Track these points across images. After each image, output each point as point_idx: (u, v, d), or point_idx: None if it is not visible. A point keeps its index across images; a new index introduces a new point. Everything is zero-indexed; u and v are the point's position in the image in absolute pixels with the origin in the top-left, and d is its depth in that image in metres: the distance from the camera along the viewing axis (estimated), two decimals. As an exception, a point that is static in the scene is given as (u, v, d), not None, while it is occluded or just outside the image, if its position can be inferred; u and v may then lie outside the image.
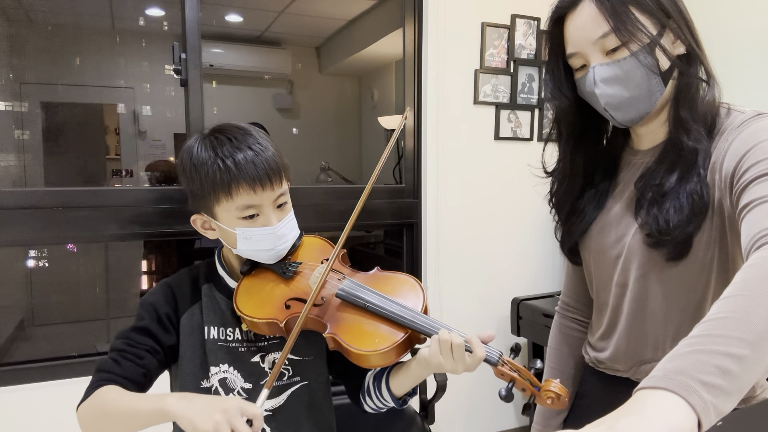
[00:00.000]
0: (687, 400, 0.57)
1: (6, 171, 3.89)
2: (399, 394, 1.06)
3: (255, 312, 1.03)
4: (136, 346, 1.02)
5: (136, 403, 0.92)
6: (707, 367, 0.60)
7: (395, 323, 0.99)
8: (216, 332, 1.07)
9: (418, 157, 2.53)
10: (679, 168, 0.91)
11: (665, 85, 0.92)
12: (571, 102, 1.01)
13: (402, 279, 1.09)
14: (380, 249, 4.09)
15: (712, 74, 0.93)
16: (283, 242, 1.06)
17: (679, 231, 0.89)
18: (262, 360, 1.08)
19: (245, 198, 1.00)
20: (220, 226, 1.05)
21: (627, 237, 0.99)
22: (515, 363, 0.96)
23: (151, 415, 0.89)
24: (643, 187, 0.96)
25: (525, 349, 2.74)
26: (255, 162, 0.99)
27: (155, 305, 1.07)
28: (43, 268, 4.04)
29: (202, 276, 1.12)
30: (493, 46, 2.54)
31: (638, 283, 0.98)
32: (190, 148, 1.04)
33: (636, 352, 1.02)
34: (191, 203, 1.08)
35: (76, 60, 4.08)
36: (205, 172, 1.00)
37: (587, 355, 1.15)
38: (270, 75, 4.69)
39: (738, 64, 2.25)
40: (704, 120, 0.91)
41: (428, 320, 0.99)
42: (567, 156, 1.06)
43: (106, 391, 0.96)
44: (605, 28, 0.89)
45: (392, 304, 1.00)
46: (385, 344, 0.97)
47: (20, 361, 1.95)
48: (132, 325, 1.05)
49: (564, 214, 1.11)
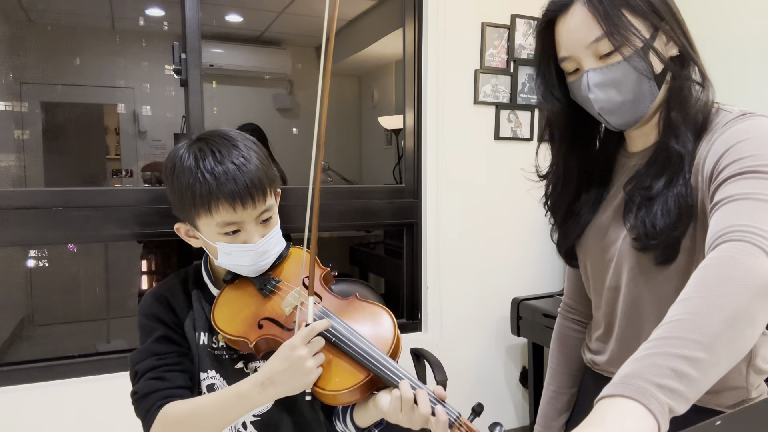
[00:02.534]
0: (644, 404, 0.58)
1: (6, 171, 3.89)
2: (363, 426, 1.02)
3: (227, 327, 1.00)
4: (166, 357, 1.00)
5: (219, 403, 0.93)
6: (662, 370, 0.60)
7: (358, 363, 0.93)
8: (205, 338, 1.06)
9: (418, 157, 2.53)
10: (667, 172, 0.90)
11: (659, 87, 0.90)
12: (563, 105, 0.99)
13: (376, 312, 1.02)
14: (380, 249, 4.09)
15: (706, 75, 0.92)
16: (264, 258, 1.03)
17: (666, 235, 0.88)
18: (246, 367, 1.06)
19: (225, 215, 0.96)
20: (201, 237, 1.03)
21: (618, 241, 0.98)
22: (472, 427, 0.89)
23: (241, 407, 0.92)
24: (632, 190, 0.95)
25: (525, 350, 2.74)
26: (236, 178, 0.95)
27: (158, 315, 1.04)
28: (43, 268, 4.04)
29: (191, 282, 1.10)
30: (493, 46, 2.54)
31: (629, 287, 0.98)
32: (174, 155, 1.00)
33: (630, 355, 1.02)
34: (174, 211, 1.05)
35: (76, 60, 4.09)
36: (186, 184, 0.96)
37: (585, 356, 1.15)
38: (270, 75, 4.69)
39: (738, 65, 2.25)
40: (695, 122, 0.90)
41: (391, 367, 0.92)
42: (560, 159, 1.05)
43: (172, 409, 0.94)
44: (598, 32, 0.87)
45: (359, 342, 0.94)
46: (344, 385, 0.92)
47: (20, 361, 1.95)
48: (147, 342, 1.02)
49: (560, 217, 1.10)
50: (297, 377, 0.90)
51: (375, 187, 2.57)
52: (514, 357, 2.76)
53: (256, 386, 0.91)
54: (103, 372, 1.99)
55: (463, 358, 2.61)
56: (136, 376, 1.01)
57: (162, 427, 0.94)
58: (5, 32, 3.80)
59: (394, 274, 3.27)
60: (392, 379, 0.91)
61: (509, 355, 2.75)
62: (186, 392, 0.99)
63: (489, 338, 2.68)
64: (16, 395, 1.88)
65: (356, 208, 2.40)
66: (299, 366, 0.89)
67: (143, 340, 1.03)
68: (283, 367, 0.89)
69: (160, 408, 0.94)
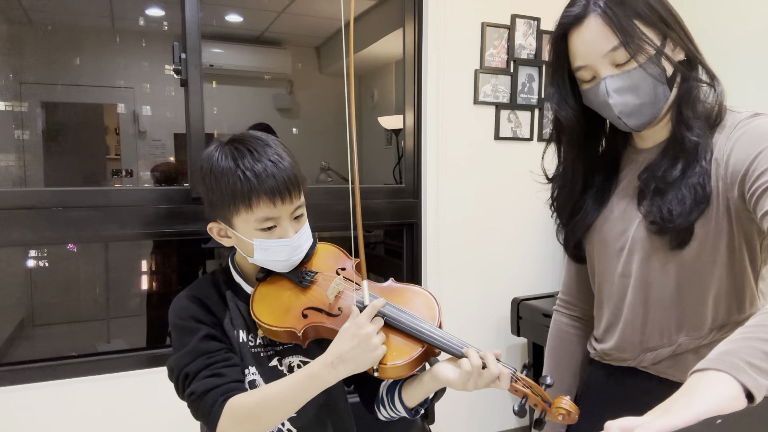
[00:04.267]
0: (734, 376, 0.62)
1: (6, 171, 3.89)
2: (411, 405, 1.07)
3: (273, 320, 1.03)
4: (216, 354, 1.01)
5: (290, 387, 0.96)
6: (755, 352, 0.65)
7: (411, 337, 0.99)
8: (244, 336, 1.07)
9: (418, 157, 2.53)
10: (682, 161, 0.97)
11: (671, 89, 0.97)
12: (576, 113, 1.05)
13: (416, 291, 1.09)
14: (380, 249, 4.09)
15: (713, 74, 0.99)
16: (298, 253, 1.07)
17: (682, 219, 0.94)
18: (280, 363, 1.08)
19: (265, 210, 1.00)
20: (236, 235, 1.05)
21: (631, 229, 1.03)
22: (528, 379, 0.96)
23: (313, 388, 0.95)
24: (647, 179, 1.01)
25: (525, 350, 2.74)
26: (275, 175, 0.99)
27: (197, 316, 1.04)
28: (43, 268, 4.04)
29: (222, 283, 1.12)
30: (493, 46, 2.54)
31: (641, 269, 1.02)
32: (210, 156, 1.04)
33: (641, 339, 1.05)
34: (208, 211, 1.07)
35: (76, 60, 4.09)
36: (225, 183, 1.00)
37: (593, 350, 1.16)
38: (270, 75, 4.69)
39: (741, 65, 2.25)
40: (707, 117, 0.97)
41: (445, 336, 0.99)
42: (569, 164, 1.11)
43: (239, 401, 0.95)
44: (614, 42, 0.93)
45: (408, 318, 1.01)
46: (401, 358, 0.98)
47: (20, 361, 1.96)
48: (192, 344, 1.01)
49: (565, 216, 1.15)
50: (365, 353, 0.94)
51: (375, 187, 2.57)
52: (514, 357, 2.76)
53: (326, 366, 0.95)
54: (103, 372, 1.99)
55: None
56: (187, 379, 1.00)
57: (231, 420, 0.95)
58: (5, 32, 3.80)
59: (394, 274, 3.27)
60: (451, 347, 0.98)
61: (509, 355, 2.75)
62: (242, 386, 1.00)
63: (489, 338, 2.68)
64: (16, 395, 1.88)
65: (356, 208, 2.40)
66: (367, 342, 0.94)
67: (184, 343, 1.02)
68: (352, 345, 0.94)
69: (224, 402, 0.95)
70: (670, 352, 1.01)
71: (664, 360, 1.03)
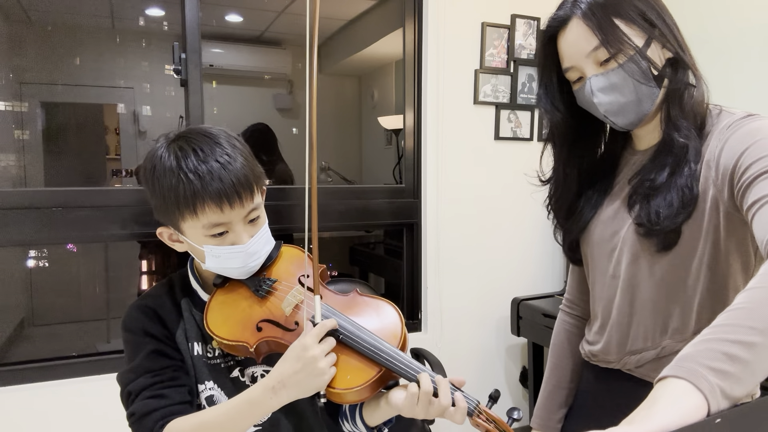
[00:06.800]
0: (694, 384, 0.61)
1: (6, 171, 3.89)
2: (372, 425, 1.00)
3: (226, 333, 0.95)
4: (161, 373, 0.95)
5: (228, 413, 0.90)
6: (715, 354, 0.63)
7: (368, 359, 0.91)
8: (199, 348, 1.01)
9: (418, 157, 2.53)
10: (670, 164, 0.96)
11: (659, 88, 0.97)
12: (564, 114, 1.07)
13: (380, 306, 0.99)
14: (380, 249, 4.09)
15: (699, 76, 0.98)
16: (254, 259, 0.98)
17: (669, 221, 0.94)
18: (242, 374, 1.03)
19: (212, 216, 0.91)
20: (187, 241, 0.97)
21: (622, 231, 1.04)
22: (492, 414, 0.89)
23: (252, 415, 0.90)
24: (638, 183, 1.01)
25: (525, 350, 2.74)
26: (222, 177, 0.90)
27: (146, 329, 0.98)
28: (43, 268, 4.04)
29: (179, 290, 1.05)
30: (493, 46, 2.54)
31: (628, 270, 1.02)
32: (153, 155, 0.95)
33: (626, 342, 1.05)
34: (155, 214, 0.99)
35: (76, 60, 4.08)
36: (168, 186, 0.91)
37: (583, 350, 1.17)
38: (270, 75, 4.69)
39: (738, 63, 2.25)
40: (693, 118, 0.97)
41: (404, 359, 0.90)
42: (560, 165, 1.12)
43: (177, 426, 0.90)
44: (594, 42, 0.94)
45: (366, 337, 0.92)
46: (353, 384, 0.89)
47: (20, 361, 1.95)
48: (138, 359, 0.96)
49: (562, 216, 1.16)
50: (310, 378, 0.86)
51: (375, 187, 2.57)
52: (514, 357, 2.76)
53: (267, 391, 0.88)
54: (103, 372, 1.99)
55: (463, 358, 2.62)
56: (129, 397, 0.94)
57: None
58: (5, 32, 3.80)
59: (394, 274, 3.27)
60: (407, 372, 0.89)
61: (509, 355, 2.75)
62: (187, 408, 0.94)
63: (489, 338, 2.68)
64: (16, 395, 1.88)
65: (356, 208, 2.40)
66: (312, 366, 0.86)
67: (131, 358, 0.97)
68: (296, 369, 0.86)
69: (162, 427, 0.90)
70: (655, 355, 1.01)
71: (648, 363, 1.02)
